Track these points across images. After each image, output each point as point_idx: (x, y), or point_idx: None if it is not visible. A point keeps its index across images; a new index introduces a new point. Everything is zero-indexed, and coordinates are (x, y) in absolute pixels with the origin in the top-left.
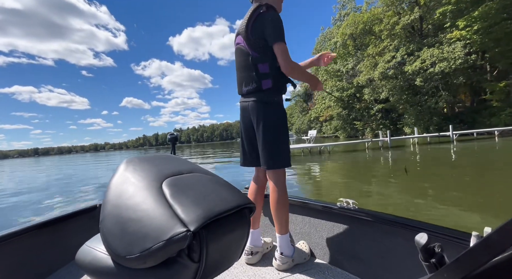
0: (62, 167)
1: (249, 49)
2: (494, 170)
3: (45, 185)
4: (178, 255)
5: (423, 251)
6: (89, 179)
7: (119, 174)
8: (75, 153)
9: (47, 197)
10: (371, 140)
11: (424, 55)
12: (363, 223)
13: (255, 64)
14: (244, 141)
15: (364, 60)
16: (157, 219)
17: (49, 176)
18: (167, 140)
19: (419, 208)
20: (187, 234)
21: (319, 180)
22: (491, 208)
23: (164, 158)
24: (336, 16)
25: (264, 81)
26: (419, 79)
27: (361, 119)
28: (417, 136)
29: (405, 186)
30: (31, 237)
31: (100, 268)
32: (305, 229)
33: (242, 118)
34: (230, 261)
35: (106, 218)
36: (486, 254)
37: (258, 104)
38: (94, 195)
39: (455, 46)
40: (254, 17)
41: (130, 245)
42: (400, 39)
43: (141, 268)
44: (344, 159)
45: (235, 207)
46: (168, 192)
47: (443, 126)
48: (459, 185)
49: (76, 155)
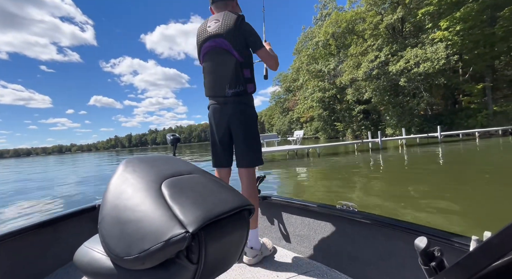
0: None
1: (236, 53)
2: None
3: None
4: (176, 256)
5: (422, 255)
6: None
7: (118, 174)
8: (35, 155)
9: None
10: (362, 141)
11: (407, 55)
12: (363, 226)
13: (241, 68)
14: (218, 142)
15: (347, 60)
16: (156, 220)
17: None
18: (169, 141)
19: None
20: (186, 235)
21: (313, 188)
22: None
23: (164, 159)
24: (317, 16)
25: (249, 85)
26: (403, 79)
27: (343, 120)
28: (406, 137)
29: (423, 192)
30: (29, 237)
31: (98, 269)
32: (304, 231)
33: (217, 120)
34: (229, 262)
35: (104, 219)
36: (486, 258)
37: (244, 106)
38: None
39: (437, 47)
40: (239, 24)
41: (129, 246)
42: (383, 39)
43: (139, 269)
44: (335, 162)
45: (234, 208)
46: (167, 193)
47: (424, 127)
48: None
49: (36, 158)
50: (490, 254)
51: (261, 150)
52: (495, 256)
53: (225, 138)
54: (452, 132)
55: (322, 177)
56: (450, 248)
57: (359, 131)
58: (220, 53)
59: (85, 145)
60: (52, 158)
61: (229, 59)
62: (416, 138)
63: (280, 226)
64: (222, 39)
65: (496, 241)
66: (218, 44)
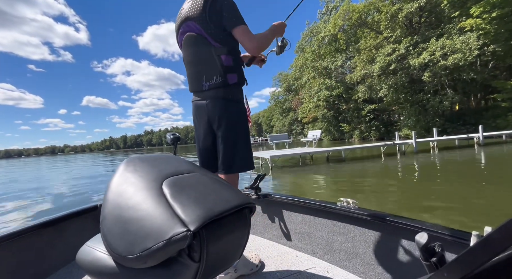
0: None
1: (209, 38)
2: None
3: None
4: (178, 255)
5: (423, 251)
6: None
7: (119, 173)
8: (27, 156)
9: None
10: (394, 143)
11: (432, 46)
12: (364, 222)
13: (219, 55)
14: (201, 145)
15: (360, 54)
16: (157, 219)
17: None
18: (169, 140)
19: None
20: (187, 234)
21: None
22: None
23: (165, 158)
24: (323, 10)
25: (230, 76)
26: (427, 73)
27: (351, 121)
28: (442, 139)
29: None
30: (31, 237)
31: (101, 268)
32: (305, 229)
33: (198, 119)
34: (230, 261)
35: (106, 218)
36: (486, 253)
37: (222, 101)
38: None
39: (468, 36)
40: (210, 0)
41: (131, 245)
42: (401, 30)
43: (141, 268)
44: (369, 169)
45: (235, 207)
46: (169, 191)
47: (446, 128)
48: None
49: (28, 159)
50: (490, 249)
51: (250, 153)
52: (496, 251)
53: (208, 141)
54: (494, 133)
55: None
56: (450, 244)
57: (367, 132)
58: (193, 39)
59: (79, 146)
60: (44, 159)
61: (203, 45)
62: (454, 139)
63: (280, 223)
64: (192, 22)
65: (497, 236)
66: (190, 29)
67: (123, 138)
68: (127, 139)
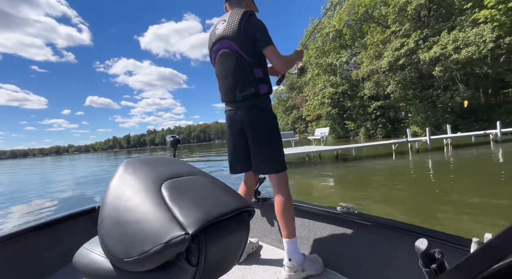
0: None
1: (243, 53)
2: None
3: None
4: (176, 258)
5: (423, 257)
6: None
7: (118, 175)
8: (32, 156)
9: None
10: (407, 140)
11: (443, 40)
12: (364, 228)
13: (251, 69)
14: (235, 149)
15: (367, 49)
16: (155, 222)
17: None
18: (168, 143)
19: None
20: (186, 237)
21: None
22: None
23: (164, 160)
24: (327, 5)
25: (261, 86)
26: (439, 68)
27: (357, 118)
28: (458, 136)
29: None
30: (28, 238)
31: (98, 271)
32: (304, 233)
33: (232, 126)
34: (229, 264)
35: (104, 220)
36: (486, 260)
37: (255, 110)
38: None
39: (482, 28)
40: (245, 21)
41: (128, 247)
42: (410, 23)
43: (138, 271)
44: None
45: (234, 210)
46: (167, 194)
47: (458, 124)
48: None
49: (33, 159)
50: (491, 256)
51: (282, 155)
52: (496, 258)
53: (239, 146)
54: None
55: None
56: (451, 250)
57: (373, 130)
58: (228, 55)
59: (83, 146)
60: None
61: (237, 60)
62: (469, 136)
63: (280, 228)
64: (227, 41)
65: (497, 243)
66: (225, 46)
67: (126, 138)
68: (130, 139)
